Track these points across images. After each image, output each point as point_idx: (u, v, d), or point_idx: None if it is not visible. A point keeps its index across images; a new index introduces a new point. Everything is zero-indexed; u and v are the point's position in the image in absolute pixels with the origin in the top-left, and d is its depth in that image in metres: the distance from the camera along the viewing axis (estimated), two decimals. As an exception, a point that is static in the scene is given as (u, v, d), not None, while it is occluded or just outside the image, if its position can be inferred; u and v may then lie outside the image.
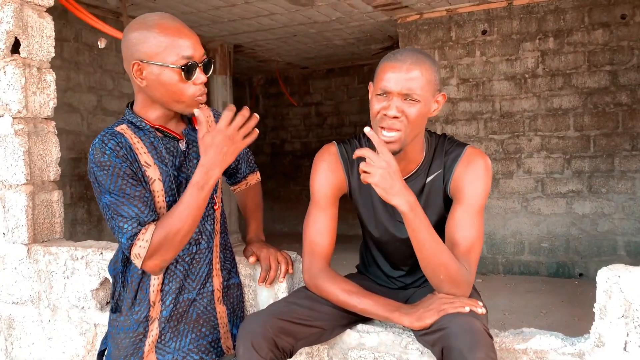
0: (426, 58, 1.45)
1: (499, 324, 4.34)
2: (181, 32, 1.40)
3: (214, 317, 1.57)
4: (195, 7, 5.66)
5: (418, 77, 1.40)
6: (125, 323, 1.48)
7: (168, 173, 1.47)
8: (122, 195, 1.37)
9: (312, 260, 1.54)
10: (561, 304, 4.81)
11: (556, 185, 5.79)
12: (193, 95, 1.42)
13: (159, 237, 1.36)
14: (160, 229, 1.36)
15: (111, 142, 1.40)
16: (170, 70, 1.38)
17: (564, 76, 5.70)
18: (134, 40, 1.40)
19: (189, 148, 1.53)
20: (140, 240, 1.36)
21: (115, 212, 1.37)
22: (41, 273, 2.04)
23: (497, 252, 6.06)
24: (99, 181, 1.39)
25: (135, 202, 1.37)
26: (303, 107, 9.81)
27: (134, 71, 1.40)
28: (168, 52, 1.37)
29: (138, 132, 1.47)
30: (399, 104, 1.41)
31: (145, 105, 1.48)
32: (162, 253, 1.37)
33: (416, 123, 1.43)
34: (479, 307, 1.36)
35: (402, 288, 1.69)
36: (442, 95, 1.49)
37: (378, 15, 6.22)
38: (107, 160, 1.38)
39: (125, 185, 1.37)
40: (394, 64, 1.43)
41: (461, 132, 6.17)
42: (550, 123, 5.78)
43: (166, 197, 1.46)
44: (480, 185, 1.47)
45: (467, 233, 1.44)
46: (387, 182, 1.31)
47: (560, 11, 5.66)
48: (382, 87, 1.43)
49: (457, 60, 6.15)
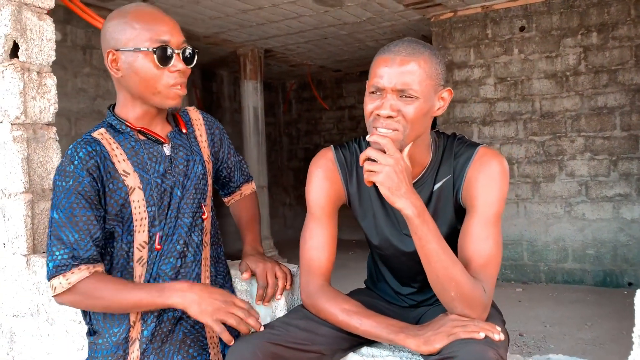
0: (425, 48, 1.27)
1: (539, 336, 4.09)
2: (156, 17, 1.32)
3: (202, 336, 1.43)
4: (223, 11, 5.61)
5: (414, 70, 1.23)
6: (104, 346, 1.36)
7: (149, 181, 1.35)
8: (68, 216, 1.28)
9: (309, 277, 1.39)
10: (608, 316, 4.50)
11: (601, 189, 5.45)
12: (167, 84, 1.31)
13: (84, 288, 1.29)
14: (92, 285, 1.29)
15: (83, 151, 1.30)
16: (143, 56, 1.29)
17: (609, 73, 5.37)
18: (110, 30, 1.33)
19: (174, 152, 1.41)
20: (64, 278, 1.29)
21: (55, 232, 1.30)
22: (40, 285, 1.95)
23: (539, 259, 5.76)
24: (56, 191, 1.31)
25: (77, 227, 1.29)
26: (336, 111, 9.68)
27: (109, 61, 1.32)
28: (141, 37, 1.29)
29: (117, 137, 1.37)
30: (394, 102, 1.23)
31: (126, 103, 1.38)
32: (77, 302, 1.33)
33: (415, 123, 1.25)
34: (497, 333, 1.17)
35: (413, 306, 1.52)
36: (447, 90, 1.31)
37: (410, 14, 6.03)
38: (71, 171, 1.29)
39: (75, 205, 1.28)
40: (386, 56, 1.25)
41: (499, 133, 5.91)
42: (595, 123, 5.46)
43: (148, 207, 1.35)
44: (496, 190, 1.29)
45: (482, 246, 1.26)
46: (393, 181, 1.17)
47: (604, 4, 5.34)
48: (374, 84, 1.25)
49: (494, 59, 5.89)
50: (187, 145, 1.45)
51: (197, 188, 1.43)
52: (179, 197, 1.39)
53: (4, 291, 2.06)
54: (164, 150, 1.40)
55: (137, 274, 1.37)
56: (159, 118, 1.41)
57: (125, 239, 1.35)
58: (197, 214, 1.43)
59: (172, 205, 1.38)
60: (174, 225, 1.39)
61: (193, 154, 1.45)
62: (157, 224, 1.36)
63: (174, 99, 1.34)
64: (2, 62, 1.97)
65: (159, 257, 1.38)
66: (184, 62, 1.33)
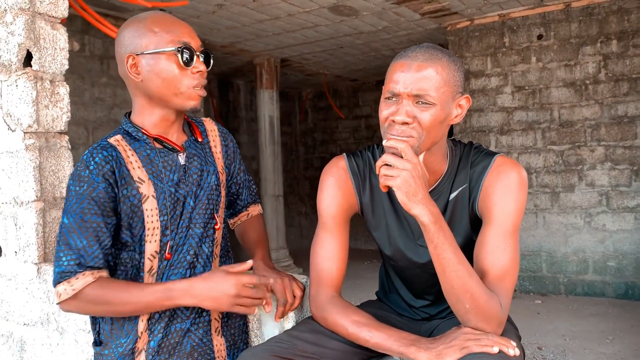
0: (443, 54, 1.24)
1: (558, 350, 3.99)
2: (175, 21, 1.35)
3: (210, 349, 1.40)
4: (240, 21, 5.63)
5: (432, 75, 1.20)
6: (110, 357, 1.34)
7: (163, 190, 1.34)
8: (78, 221, 1.27)
9: (318, 288, 1.36)
10: (630, 330, 4.38)
11: (623, 199, 5.34)
12: (190, 85, 1.33)
13: (90, 295, 1.27)
14: (98, 291, 1.27)
15: (99, 156, 1.30)
16: (166, 58, 1.31)
17: (630, 81, 5.27)
18: (127, 36, 1.34)
19: (188, 161, 1.40)
20: (69, 284, 1.27)
21: (63, 237, 1.29)
22: (50, 294, 1.95)
23: (558, 271, 5.64)
24: (68, 196, 1.30)
25: (87, 233, 1.27)
26: (352, 120, 9.66)
27: (129, 66, 1.32)
28: (162, 39, 1.31)
29: (134, 144, 1.36)
30: (410, 107, 1.20)
31: (143, 110, 1.37)
32: (83, 309, 1.31)
33: (432, 130, 1.21)
34: (511, 348, 1.13)
35: (426, 319, 1.47)
36: (465, 98, 1.27)
37: (426, 23, 6.00)
38: (87, 176, 1.28)
39: (87, 210, 1.27)
40: (403, 61, 1.23)
41: (517, 142, 5.83)
42: (615, 132, 5.35)
43: (160, 217, 1.33)
44: (513, 201, 1.25)
45: (499, 258, 1.22)
46: (410, 186, 1.13)
47: (623, 12, 5.25)
48: (390, 89, 1.23)
49: (512, 67, 5.82)
50: (202, 155, 1.44)
51: (209, 198, 1.42)
52: (191, 207, 1.38)
53: (14, 300, 2.06)
54: (179, 159, 1.39)
55: None
56: (175, 126, 1.41)
57: (138, 249, 1.34)
58: (209, 224, 1.41)
59: (184, 215, 1.37)
60: (185, 235, 1.37)
61: (207, 164, 1.44)
62: (168, 233, 1.35)
63: (195, 100, 1.35)
64: (16, 71, 1.99)
65: (168, 267, 1.37)
66: (203, 63, 1.35)
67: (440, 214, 1.17)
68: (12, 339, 2.09)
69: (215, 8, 5.12)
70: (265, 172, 7.29)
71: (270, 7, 5.19)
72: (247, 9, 5.22)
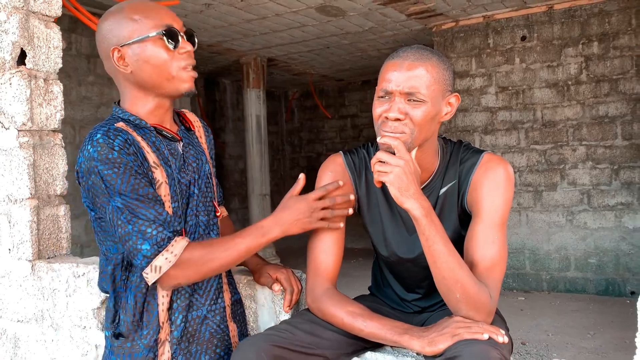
0: (433, 54, 1.31)
1: (541, 345, 4.08)
2: (153, 6, 1.32)
3: (227, 335, 1.43)
4: (227, 20, 5.65)
5: (422, 74, 1.26)
6: (134, 349, 1.33)
7: (173, 176, 1.33)
8: (136, 197, 1.22)
9: (315, 280, 1.40)
10: (611, 325, 4.49)
11: (603, 198, 5.46)
12: (180, 66, 1.31)
13: (192, 256, 1.25)
14: (199, 249, 1.26)
15: (119, 138, 1.24)
16: (152, 43, 1.28)
17: (610, 82, 5.40)
18: (108, 28, 1.30)
19: (185, 150, 1.40)
20: (168, 252, 1.22)
21: (132, 214, 1.21)
22: (44, 291, 1.97)
23: (541, 268, 5.75)
24: (107, 181, 1.22)
25: (151, 204, 1.23)
26: (339, 120, 9.71)
27: (115, 59, 1.29)
28: (145, 26, 1.28)
29: (138, 131, 1.31)
30: (402, 105, 1.27)
31: (136, 100, 1.33)
32: (187, 275, 1.26)
33: (423, 127, 1.28)
34: (501, 335, 1.18)
35: (418, 312, 1.52)
36: (454, 96, 1.33)
37: (412, 24, 6.07)
38: (117, 157, 1.22)
39: (138, 186, 1.23)
40: (395, 61, 1.29)
41: (501, 142, 5.93)
42: (596, 132, 5.47)
43: (173, 203, 1.32)
44: (500, 196, 1.31)
45: (488, 251, 1.27)
46: (402, 181, 1.20)
47: (605, 14, 5.38)
48: (383, 88, 1.29)
49: (496, 68, 5.92)
50: (195, 145, 1.44)
51: (207, 187, 1.43)
52: (196, 194, 1.38)
53: (8, 296, 2.07)
54: (178, 148, 1.38)
55: None
56: (168, 115, 1.39)
57: None
58: (212, 212, 1.43)
59: (192, 203, 1.37)
60: (195, 223, 1.38)
61: (199, 154, 1.44)
62: (179, 221, 1.33)
63: (188, 82, 1.33)
64: (10, 69, 2.00)
65: None
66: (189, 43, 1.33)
67: (431, 208, 1.23)
68: (5, 335, 2.10)
69: (203, 7, 5.14)
70: (252, 171, 7.31)
71: (257, 6, 5.22)
72: (234, 8, 5.24)
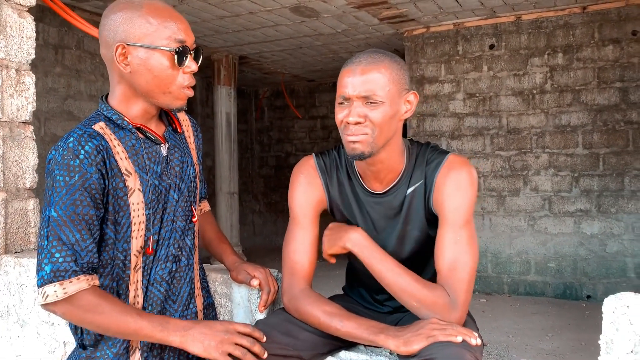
0: (385, 57, 1.35)
1: (502, 347, 4.19)
2: (173, 14, 1.27)
3: None
4: (200, 16, 5.60)
5: (377, 77, 1.31)
6: (103, 358, 1.29)
7: (148, 183, 1.30)
8: (69, 214, 1.18)
9: (292, 280, 1.42)
10: (568, 327, 4.64)
11: (564, 204, 5.64)
12: (181, 85, 1.28)
13: (82, 302, 1.19)
14: (92, 298, 1.19)
15: (89, 145, 1.21)
16: (161, 55, 1.24)
17: (573, 92, 5.58)
18: (119, 21, 1.24)
19: (170, 153, 1.37)
20: (60, 287, 1.17)
21: (53, 231, 1.19)
22: (11, 286, 1.92)
23: (503, 271, 5.90)
24: (55, 187, 1.20)
25: (80, 226, 1.19)
26: (309, 120, 9.73)
27: (117, 55, 1.24)
28: (159, 35, 1.23)
29: (118, 132, 1.28)
30: (360, 109, 1.32)
31: (126, 99, 1.30)
32: (71, 314, 1.20)
33: (383, 127, 1.32)
34: (474, 338, 1.22)
35: (390, 313, 1.56)
36: (412, 94, 1.38)
37: (384, 28, 6.14)
38: (77, 165, 1.19)
39: (79, 202, 1.19)
40: (349, 67, 1.35)
41: (467, 147, 6.05)
42: (559, 140, 5.65)
43: (146, 210, 1.29)
44: (462, 196, 1.34)
45: (450, 252, 1.31)
46: (332, 240, 1.42)
47: (569, 26, 5.55)
48: (341, 94, 1.35)
49: (464, 75, 6.04)
50: (181, 146, 1.42)
51: (190, 191, 1.41)
52: (175, 199, 1.35)
53: (-28, 291, 2.01)
54: (161, 151, 1.35)
55: (132, 281, 1.31)
56: (155, 116, 1.37)
57: (121, 247, 1.28)
58: (189, 217, 1.40)
59: (169, 209, 1.34)
60: (170, 229, 1.35)
61: (186, 156, 1.42)
62: (151, 227, 1.31)
63: (182, 100, 1.31)
64: (-19, 59, 1.95)
65: (155, 262, 1.33)
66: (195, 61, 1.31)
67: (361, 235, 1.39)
68: (-32, 331, 2.04)
69: (177, 2, 5.08)
70: (221, 169, 7.26)
71: (231, 4, 5.20)
72: (208, 4, 5.21)
